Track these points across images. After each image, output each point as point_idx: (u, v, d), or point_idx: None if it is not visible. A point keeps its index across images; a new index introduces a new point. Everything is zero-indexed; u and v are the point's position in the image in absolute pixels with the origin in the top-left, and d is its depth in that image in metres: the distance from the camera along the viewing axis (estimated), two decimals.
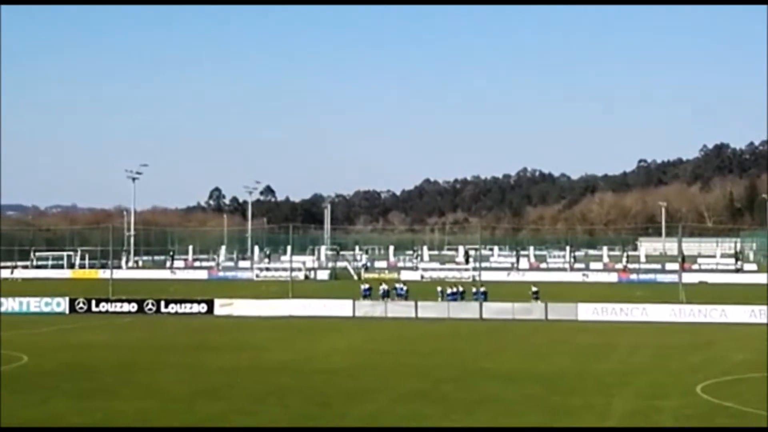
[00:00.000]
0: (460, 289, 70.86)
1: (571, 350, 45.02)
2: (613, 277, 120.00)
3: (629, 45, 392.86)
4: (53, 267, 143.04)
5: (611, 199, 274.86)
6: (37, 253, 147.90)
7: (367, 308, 65.00)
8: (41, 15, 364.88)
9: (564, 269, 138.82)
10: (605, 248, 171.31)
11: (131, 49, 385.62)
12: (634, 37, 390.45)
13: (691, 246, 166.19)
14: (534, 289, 71.24)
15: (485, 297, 66.35)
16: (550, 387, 32.97)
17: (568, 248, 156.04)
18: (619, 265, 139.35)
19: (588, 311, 61.54)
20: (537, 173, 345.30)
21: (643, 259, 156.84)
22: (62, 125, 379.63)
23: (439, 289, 73.09)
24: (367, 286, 74.16)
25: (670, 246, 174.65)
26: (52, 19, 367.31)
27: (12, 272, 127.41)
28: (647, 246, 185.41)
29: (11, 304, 67.20)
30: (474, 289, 70.15)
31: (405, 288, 73.48)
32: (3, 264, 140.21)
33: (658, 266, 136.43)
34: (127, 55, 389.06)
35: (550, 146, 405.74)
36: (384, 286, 72.69)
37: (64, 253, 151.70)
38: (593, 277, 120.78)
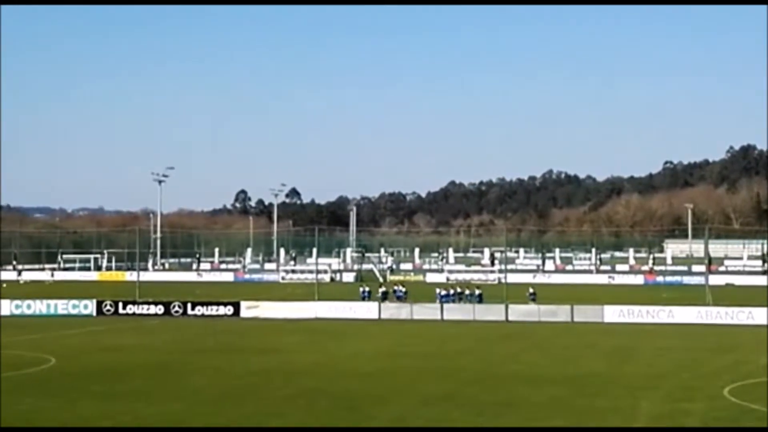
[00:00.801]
0: (457, 290, 72.20)
1: (598, 353, 44.91)
2: (639, 279, 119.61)
3: (655, 46, 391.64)
4: (80, 269, 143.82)
5: (637, 200, 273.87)
6: (65, 256, 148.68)
7: (392, 310, 65.04)
8: (67, 18, 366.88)
9: (590, 271, 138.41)
10: (631, 250, 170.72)
11: (158, 53, 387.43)
12: (660, 38, 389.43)
13: (717, 248, 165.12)
14: (531, 290, 71.86)
15: (480, 299, 68.09)
16: (577, 389, 32.91)
17: (593, 250, 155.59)
18: (645, 267, 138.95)
19: (614, 313, 61.37)
20: (563, 175, 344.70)
21: (669, 261, 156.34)
22: (89, 128, 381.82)
23: (437, 290, 73.54)
24: (366, 288, 75.16)
25: (697, 248, 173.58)
26: (79, 21, 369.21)
27: (52, 275, 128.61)
28: (673, 248, 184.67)
29: (39, 307, 67.62)
30: (467, 291, 71.75)
31: (404, 290, 74.95)
32: (28, 267, 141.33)
33: (684, 268, 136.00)
34: (154, 58, 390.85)
35: (576, 148, 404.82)
36: (383, 289, 74.41)
37: (91, 256, 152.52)
38: (619, 280, 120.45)
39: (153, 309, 66.94)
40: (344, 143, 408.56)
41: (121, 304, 67.60)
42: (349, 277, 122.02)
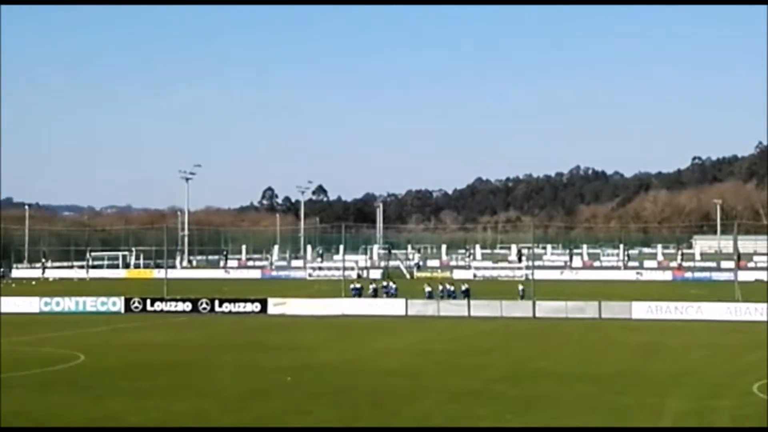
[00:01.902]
0: (446, 287, 73.57)
1: (625, 349, 44.74)
2: (667, 276, 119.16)
3: (684, 41, 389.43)
4: (109, 267, 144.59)
5: (665, 196, 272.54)
6: (93, 254, 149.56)
7: (419, 307, 64.99)
8: (96, 17, 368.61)
9: (618, 268, 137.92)
10: (659, 246, 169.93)
11: (185, 51, 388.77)
12: (689, 32, 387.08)
13: (746, 244, 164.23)
14: (521, 287, 72.10)
15: (467, 295, 70.20)
16: (604, 386, 32.80)
17: (621, 247, 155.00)
18: (673, 264, 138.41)
19: (642, 310, 61.12)
20: (590, 171, 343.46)
21: (698, 257, 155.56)
22: (117, 127, 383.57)
23: (427, 288, 73.99)
24: (358, 285, 76.10)
25: (726, 244, 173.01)
26: (104, 21, 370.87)
27: (87, 272, 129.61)
28: (702, 244, 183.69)
29: (68, 304, 68.08)
30: (452, 287, 73.75)
31: (394, 287, 76.10)
32: (56, 264, 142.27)
33: (713, 264, 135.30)
34: (181, 57, 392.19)
35: (603, 144, 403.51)
36: (373, 285, 76.00)
37: (120, 254, 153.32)
38: (647, 276, 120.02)
39: (181, 306, 67.21)
40: (371, 140, 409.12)
41: (149, 302, 67.91)
42: (376, 274, 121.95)
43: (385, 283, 78.73)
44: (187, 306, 67.13)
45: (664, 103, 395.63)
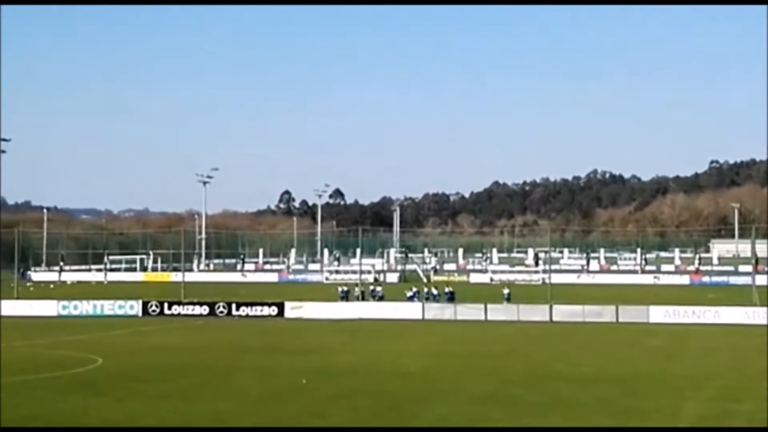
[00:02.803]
0: (431, 290, 73.86)
1: (643, 353, 44.66)
2: (685, 280, 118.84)
3: (700, 44, 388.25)
4: (126, 270, 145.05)
5: (683, 200, 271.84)
6: (111, 257, 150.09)
7: (436, 311, 65.01)
8: (114, 18, 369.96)
9: (635, 272, 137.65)
10: (677, 250, 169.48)
11: (202, 54, 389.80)
12: (705, 36, 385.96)
13: (764, 248, 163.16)
14: (506, 291, 72.21)
15: (451, 297, 71.35)
16: (622, 390, 32.72)
17: (639, 250, 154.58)
18: (691, 268, 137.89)
19: (660, 314, 61.00)
20: (607, 175, 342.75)
21: (715, 261, 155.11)
22: (134, 130, 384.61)
23: (412, 290, 74.87)
24: (345, 288, 76.13)
25: (743, 248, 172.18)
26: (122, 22, 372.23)
27: (105, 276, 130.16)
28: (720, 248, 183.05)
29: (86, 307, 68.33)
30: (436, 290, 74.83)
31: (381, 290, 76.49)
32: (74, 267, 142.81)
33: (731, 268, 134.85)
34: (198, 59, 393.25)
35: (621, 147, 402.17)
36: (360, 289, 76.35)
37: (137, 257, 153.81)
38: (665, 280, 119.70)
39: (198, 309, 67.39)
40: (387, 144, 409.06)
41: (166, 305, 68.11)
42: (392, 278, 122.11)
43: (372, 287, 79.23)
44: (205, 309, 67.29)
45: (682, 107, 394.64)
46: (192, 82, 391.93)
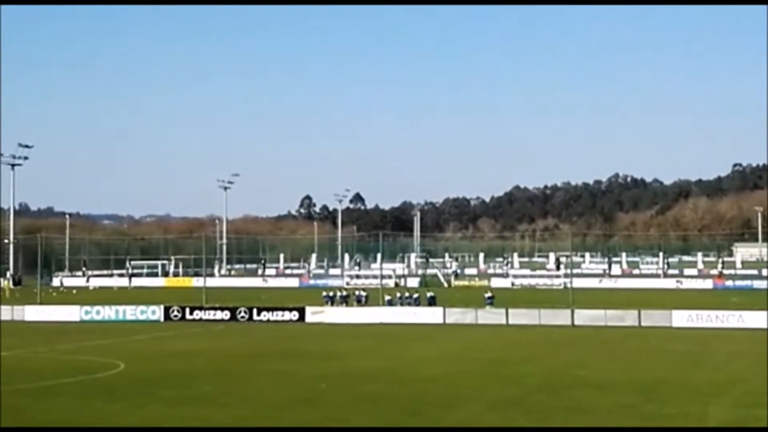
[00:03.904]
0: (413, 295, 73.47)
1: (666, 358, 44.42)
2: (708, 284, 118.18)
3: (723, 46, 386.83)
4: (148, 275, 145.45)
5: (705, 204, 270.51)
6: (133, 262, 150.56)
7: (457, 315, 64.88)
8: (130, 24, 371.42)
9: (657, 276, 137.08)
10: (699, 254, 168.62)
11: (223, 60, 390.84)
12: (728, 38, 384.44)
13: None
14: (488, 294, 72.01)
15: (432, 302, 70.41)
16: (645, 395, 32.53)
17: (661, 254, 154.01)
18: (714, 272, 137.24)
19: (683, 318, 60.66)
20: (629, 178, 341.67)
21: (738, 265, 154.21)
22: (156, 136, 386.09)
23: (393, 296, 74.66)
24: (330, 293, 76.94)
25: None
26: (140, 29, 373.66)
27: (130, 281, 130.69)
28: (743, 252, 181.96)
29: (108, 313, 68.53)
30: (417, 294, 73.98)
31: (365, 294, 76.27)
32: (96, 273, 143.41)
33: (754, 272, 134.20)
34: (220, 64, 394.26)
35: (642, 151, 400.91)
36: (343, 293, 76.72)
37: (159, 262, 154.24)
38: (687, 284, 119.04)
39: (219, 315, 67.47)
40: (408, 148, 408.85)
41: (188, 310, 68.24)
42: (413, 282, 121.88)
43: (356, 291, 79.72)
44: (226, 314, 67.37)
45: (704, 110, 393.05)
46: (213, 88, 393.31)
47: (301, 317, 66.22)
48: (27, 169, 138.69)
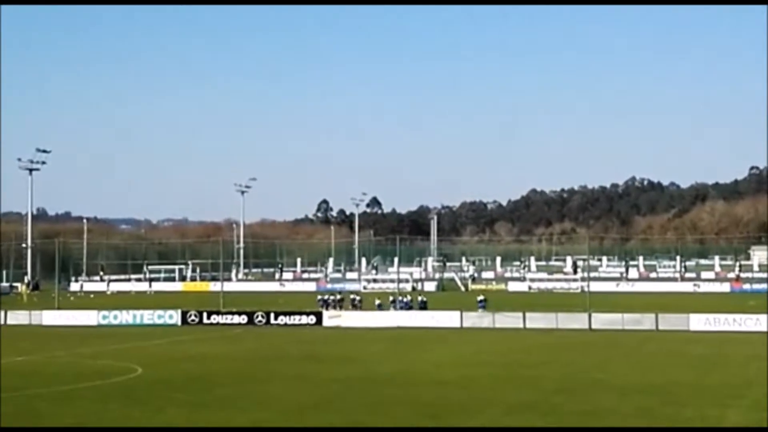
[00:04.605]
0: (405, 299, 74.29)
1: (684, 361, 44.29)
2: (725, 287, 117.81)
3: (741, 48, 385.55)
4: (165, 280, 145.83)
5: (722, 207, 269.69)
6: (150, 267, 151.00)
7: (474, 319, 64.85)
8: (144, 29, 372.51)
9: (674, 279, 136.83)
10: (717, 257, 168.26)
11: (243, 64, 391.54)
12: (746, 39, 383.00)
13: None
14: (480, 297, 72.00)
15: (424, 307, 71.56)
16: (663, 399, 32.46)
17: (678, 258, 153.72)
18: (731, 275, 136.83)
19: (700, 322, 60.47)
20: (645, 182, 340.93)
21: (756, 268, 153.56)
22: (173, 140, 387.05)
23: (384, 300, 74.89)
24: (326, 296, 77.59)
25: None
26: (154, 34, 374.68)
27: (150, 285, 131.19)
28: (760, 255, 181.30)
29: (125, 317, 68.78)
30: (410, 298, 75.16)
31: (359, 299, 77.06)
32: (114, 277, 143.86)
33: None
34: (238, 68, 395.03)
35: (659, 154, 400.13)
36: (338, 296, 77.45)
37: (176, 267, 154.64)
38: (705, 287, 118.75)
39: (237, 319, 67.60)
40: (424, 152, 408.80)
41: (205, 314, 68.38)
42: (430, 287, 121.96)
43: (352, 296, 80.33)
44: (243, 319, 67.50)
45: (721, 113, 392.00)
46: (231, 92, 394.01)
47: (319, 321, 66.33)
48: (44, 173, 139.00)
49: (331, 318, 66.65)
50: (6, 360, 45.38)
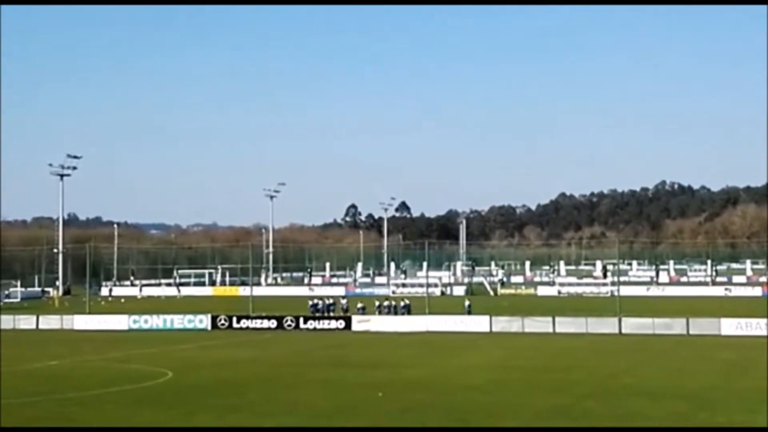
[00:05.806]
0: (392, 303, 73.10)
1: (715, 366, 44.01)
2: (757, 291, 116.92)
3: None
4: (195, 285, 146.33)
5: (754, 210, 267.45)
6: (180, 271, 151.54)
7: (503, 324, 64.72)
8: (173, 36, 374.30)
9: (705, 283, 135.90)
10: (748, 261, 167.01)
11: (272, 70, 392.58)
12: None
13: None
14: (467, 303, 71.74)
15: (408, 310, 70.36)
16: (695, 404, 32.24)
17: (709, 262, 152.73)
18: (763, 279, 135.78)
19: (731, 326, 60.08)
20: (676, 186, 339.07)
21: None
22: (203, 146, 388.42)
23: (377, 303, 74.27)
24: (316, 301, 76.34)
25: None
26: (183, 40, 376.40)
27: (179, 290, 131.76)
28: None
29: (156, 321, 69.15)
30: (394, 303, 73.63)
31: (362, 305, 75.37)
32: (144, 282, 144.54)
33: None
34: (267, 75, 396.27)
35: (690, 158, 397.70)
36: (330, 300, 76.22)
37: (206, 271, 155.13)
38: (736, 292, 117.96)
39: (266, 323, 67.77)
40: (453, 156, 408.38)
41: (235, 319, 68.60)
42: (459, 291, 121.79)
43: (341, 300, 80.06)
44: (273, 323, 67.67)
45: (752, 116, 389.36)
46: (261, 98, 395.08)
47: (347, 326, 66.42)
48: (75, 179, 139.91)
49: (360, 323, 66.70)
50: (38, 364, 45.78)
